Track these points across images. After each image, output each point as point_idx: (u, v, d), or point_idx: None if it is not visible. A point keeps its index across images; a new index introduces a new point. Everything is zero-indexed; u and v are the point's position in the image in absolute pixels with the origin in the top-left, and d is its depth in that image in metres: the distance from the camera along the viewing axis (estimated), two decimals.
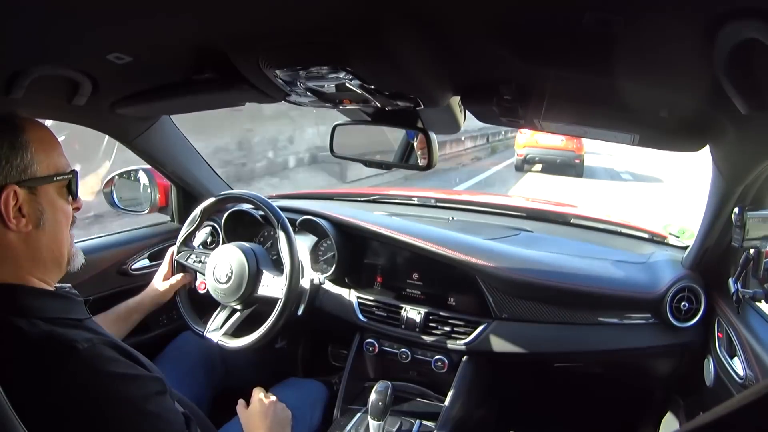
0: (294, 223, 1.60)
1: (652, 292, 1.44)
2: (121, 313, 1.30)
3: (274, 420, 1.18)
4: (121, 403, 0.78)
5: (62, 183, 0.86)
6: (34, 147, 0.82)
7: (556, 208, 2.29)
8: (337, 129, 1.36)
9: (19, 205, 0.80)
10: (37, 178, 0.82)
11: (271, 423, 1.17)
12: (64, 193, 0.87)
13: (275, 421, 1.18)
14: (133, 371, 0.81)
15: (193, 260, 1.45)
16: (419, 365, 1.59)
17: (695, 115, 0.96)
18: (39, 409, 0.70)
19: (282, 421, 1.21)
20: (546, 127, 1.21)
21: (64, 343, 0.76)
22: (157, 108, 1.40)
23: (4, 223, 0.79)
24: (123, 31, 0.84)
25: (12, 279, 0.80)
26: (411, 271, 1.62)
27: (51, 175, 0.84)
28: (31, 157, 0.81)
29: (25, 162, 0.80)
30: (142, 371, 0.83)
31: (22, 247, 0.81)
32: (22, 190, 0.80)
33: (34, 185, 0.82)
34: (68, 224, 0.89)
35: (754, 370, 1.11)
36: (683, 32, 0.66)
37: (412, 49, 0.88)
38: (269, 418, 1.18)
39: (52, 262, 0.86)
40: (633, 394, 1.72)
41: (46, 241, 0.84)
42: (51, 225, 0.84)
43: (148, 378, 0.83)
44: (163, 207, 1.79)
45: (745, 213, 1.13)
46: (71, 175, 0.88)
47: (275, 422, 1.18)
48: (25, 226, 0.81)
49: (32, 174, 0.81)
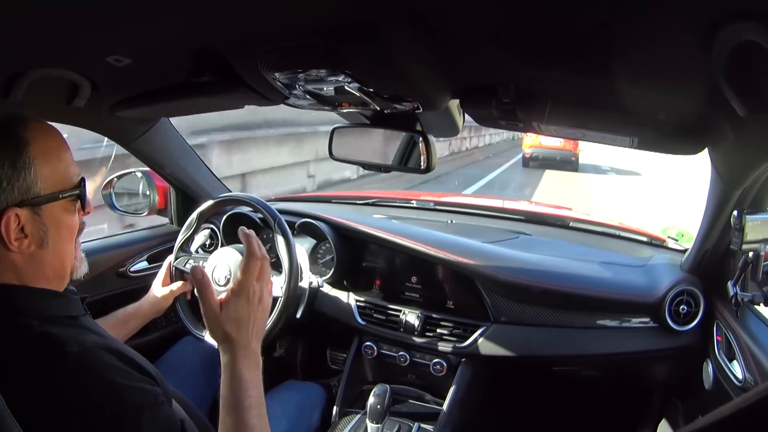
0: (293, 225, 1.60)
1: (651, 295, 1.44)
2: (120, 318, 1.29)
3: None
4: (110, 412, 0.73)
5: (69, 198, 0.82)
6: (38, 163, 0.77)
7: (555, 211, 2.29)
8: (335, 132, 1.36)
9: (22, 225, 0.76)
10: (41, 197, 0.78)
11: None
12: (71, 207, 0.83)
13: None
14: (125, 380, 0.76)
15: (191, 265, 1.45)
16: (418, 368, 1.59)
17: (694, 118, 0.96)
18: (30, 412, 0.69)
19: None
20: (545, 130, 1.21)
21: (54, 346, 0.73)
22: (157, 110, 1.40)
23: (5, 245, 0.75)
24: (122, 34, 0.84)
25: (11, 282, 0.78)
26: (410, 274, 1.62)
27: (56, 192, 0.80)
28: (34, 176, 0.76)
29: (28, 182, 0.76)
30: (138, 379, 0.78)
31: (24, 264, 0.78)
32: (25, 211, 0.76)
33: (38, 204, 0.78)
34: (74, 237, 0.85)
35: (753, 374, 1.11)
36: (681, 35, 0.66)
37: (411, 53, 0.88)
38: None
39: (55, 277, 0.83)
40: (632, 397, 1.72)
41: (50, 259, 0.81)
42: (55, 243, 0.81)
43: (142, 388, 0.77)
44: (162, 209, 1.79)
45: (743, 216, 1.14)
46: (78, 190, 0.83)
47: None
48: (27, 247, 0.77)
49: (36, 193, 0.77)
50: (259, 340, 0.90)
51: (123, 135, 1.49)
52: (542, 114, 1.09)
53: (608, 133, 1.14)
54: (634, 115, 1.02)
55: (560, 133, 1.28)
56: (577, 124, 1.14)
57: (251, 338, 0.88)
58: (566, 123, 1.16)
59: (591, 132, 1.17)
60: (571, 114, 1.09)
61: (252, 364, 0.87)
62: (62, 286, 0.85)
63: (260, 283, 0.91)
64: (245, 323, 0.88)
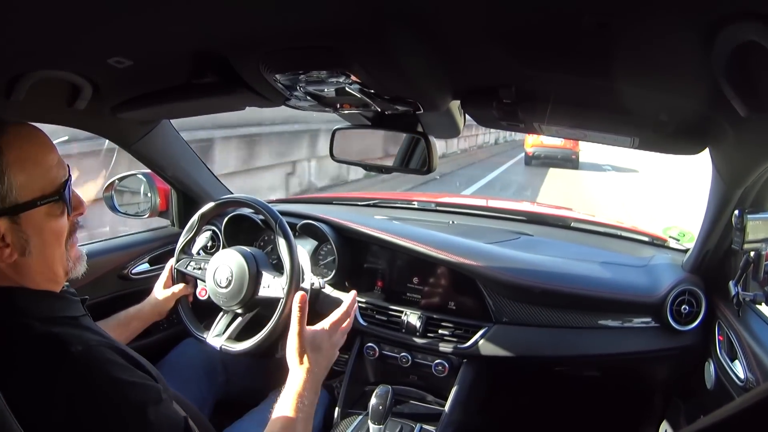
0: (294, 227, 1.60)
1: (653, 295, 1.44)
2: (121, 320, 1.29)
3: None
4: (116, 410, 0.74)
5: (50, 203, 0.80)
6: (12, 171, 0.74)
7: (556, 211, 2.29)
8: (336, 133, 1.36)
9: (2, 234, 0.75)
10: (19, 205, 0.75)
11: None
12: (55, 211, 0.80)
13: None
14: (130, 377, 0.77)
15: (192, 267, 1.45)
16: (420, 369, 1.59)
17: (694, 118, 0.96)
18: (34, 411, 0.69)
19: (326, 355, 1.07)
20: (546, 130, 1.21)
21: (58, 345, 0.74)
22: (158, 112, 1.40)
23: None
24: (124, 36, 0.84)
25: (7, 284, 0.78)
26: (411, 275, 1.62)
27: (35, 199, 0.77)
28: (9, 185, 0.74)
29: (3, 191, 0.74)
30: (141, 376, 0.79)
31: (11, 273, 0.78)
32: (3, 220, 0.74)
33: (15, 213, 0.75)
34: (62, 240, 0.83)
35: (754, 373, 1.11)
36: (682, 35, 0.66)
37: (412, 54, 0.89)
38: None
39: (46, 282, 0.82)
40: (633, 397, 1.72)
41: (36, 265, 0.79)
42: (39, 250, 0.79)
43: (145, 384, 0.78)
44: (163, 211, 1.79)
45: (745, 216, 1.13)
46: (58, 197, 0.80)
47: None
48: (9, 256, 0.76)
49: (12, 202, 0.75)
50: (323, 377, 1.05)
51: (124, 137, 1.49)
52: (543, 114, 1.09)
53: (609, 133, 1.14)
54: (634, 116, 1.02)
55: (561, 134, 1.28)
56: (578, 124, 1.15)
57: (321, 370, 1.04)
58: (567, 123, 1.16)
59: (592, 132, 1.17)
60: (572, 114, 1.10)
61: (314, 391, 1.00)
62: (57, 288, 0.85)
63: (342, 334, 1.12)
64: (323, 356, 1.04)
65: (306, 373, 1.00)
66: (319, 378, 1.02)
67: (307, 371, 1.00)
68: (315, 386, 1.01)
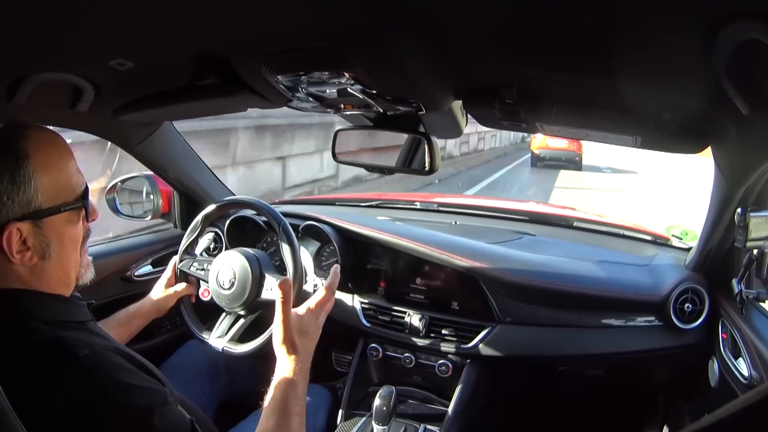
0: (297, 228, 1.60)
1: (656, 294, 1.44)
2: (122, 319, 1.29)
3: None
4: (122, 413, 0.74)
5: (71, 209, 0.81)
6: (38, 176, 0.76)
7: (558, 211, 2.29)
8: (339, 134, 1.36)
9: (24, 238, 0.76)
10: (43, 210, 0.77)
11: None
12: (74, 217, 0.82)
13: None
14: (136, 381, 0.77)
15: (195, 268, 1.45)
16: (423, 370, 1.58)
17: (697, 116, 0.96)
18: (40, 415, 0.69)
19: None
20: (548, 130, 1.21)
21: (65, 348, 0.74)
22: (160, 114, 1.41)
23: (7, 258, 0.75)
24: (125, 38, 0.84)
25: (17, 286, 0.78)
26: (414, 275, 1.62)
27: (58, 205, 0.79)
28: (35, 189, 0.76)
29: (29, 195, 0.75)
30: (147, 380, 0.79)
31: (28, 276, 0.78)
32: (26, 224, 0.76)
33: (39, 218, 0.77)
34: (78, 246, 0.85)
35: (758, 371, 1.11)
36: (684, 34, 0.66)
37: (414, 54, 0.89)
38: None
39: (59, 286, 0.83)
40: (637, 395, 1.72)
41: (53, 270, 0.81)
42: (58, 254, 0.80)
43: (152, 388, 0.79)
44: (165, 213, 1.79)
45: (747, 214, 1.13)
46: (81, 202, 0.82)
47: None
48: (29, 259, 0.77)
49: (37, 206, 0.76)
50: (310, 360, 1.01)
51: (126, 139, 1.49)
52: (545, 114, 1.09)
53: (611, 132, 1.14)
54: (636, 115, 1.02)
55: (563, 133, 1.28)
56: (580, 124, 1.15)
57: (309, 355, 1.00)
58: (569, 123, 1.16)
59: (594, 132, 1.17)
60: (574, 114, 1.10)
61: (305, 377, 0.97)
62: (68, 293, 0.85)
63: (326, 313, 1.08)
64: (310, 339, 1.01)
65: (295, 362, 0.96)
66: (307, 363, 0.99)
67: (296, 359, 0.97)
68: (305, 373, 0.98)
